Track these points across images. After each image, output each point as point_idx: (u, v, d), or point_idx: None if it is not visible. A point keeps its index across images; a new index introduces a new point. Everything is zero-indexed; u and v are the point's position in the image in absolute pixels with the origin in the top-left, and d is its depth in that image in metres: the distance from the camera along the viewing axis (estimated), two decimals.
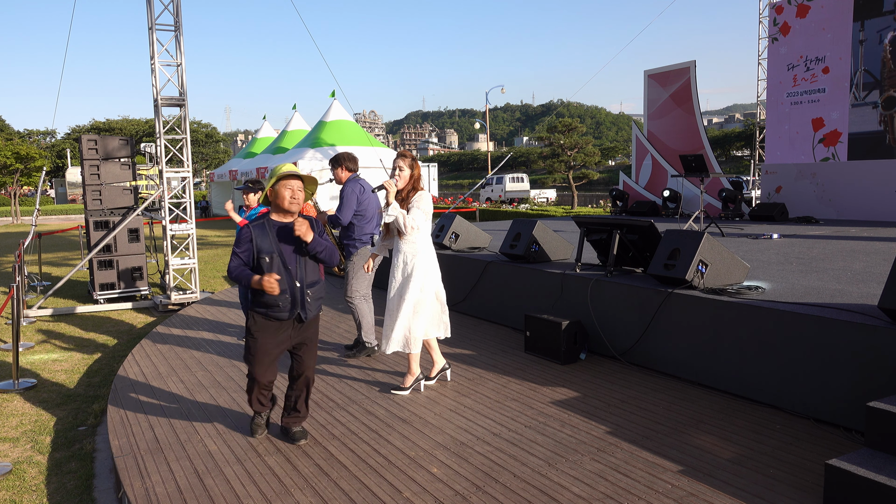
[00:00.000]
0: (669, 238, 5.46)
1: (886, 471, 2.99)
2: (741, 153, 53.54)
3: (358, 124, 26.88)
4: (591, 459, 3.78)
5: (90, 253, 9.59)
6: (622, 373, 5.38)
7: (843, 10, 12.19)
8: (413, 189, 4.92)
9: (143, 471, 3.81)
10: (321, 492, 3.49)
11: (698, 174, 9.74)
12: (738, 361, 4.69)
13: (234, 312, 8.36)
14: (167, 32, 9.47)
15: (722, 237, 9.50)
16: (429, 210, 4.92)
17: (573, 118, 40.07)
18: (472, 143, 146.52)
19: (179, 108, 9.65)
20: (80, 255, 15.81)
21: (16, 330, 5.88)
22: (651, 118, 15.70)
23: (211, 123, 66.25)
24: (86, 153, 9.76)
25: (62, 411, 5.34)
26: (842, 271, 6.01)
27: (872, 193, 11.76)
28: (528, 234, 7.01)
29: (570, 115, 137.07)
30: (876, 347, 3.87)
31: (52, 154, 53.48)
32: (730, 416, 4.37)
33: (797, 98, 13.12)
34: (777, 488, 3.37)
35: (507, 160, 70.78)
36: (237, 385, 5.35)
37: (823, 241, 8.54)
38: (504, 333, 6.84)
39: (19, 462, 4.38)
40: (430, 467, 3.74)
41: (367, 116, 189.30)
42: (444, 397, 4.90)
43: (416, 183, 4.94)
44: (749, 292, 4.96)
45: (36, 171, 33.93)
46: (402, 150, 5.50)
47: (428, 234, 4.98)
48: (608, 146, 63.18)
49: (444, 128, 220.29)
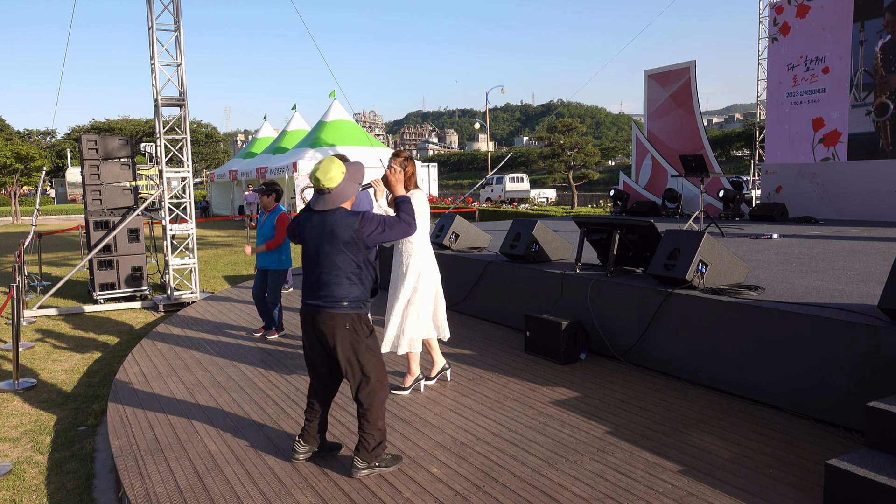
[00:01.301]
0: (669, 238, 5.46)
1: (886, 471, 2.99)
2: (741, 153, 53.55)
3: (358, 124, 26.89)
4: (591, 459, 3.78)
5: (90, 253, 9.59)
6: (622, 373, 5.38)
7: (843, 10, 12.19)
8: (406, 189, 4.90)
9: (143, 471, 3.81)
10: (321, 492, 3.49)
11: (698, 174, 9.74)
12: (738, 361, 4.69)
13: (234, 312, 8.36)
14: (167, 32, 9.48)
15: (722, 237, 9.50)
16: (420, 209, 4.87)
17: (573, 118, 40.08)
18: (472, 143, 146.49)
19: (179, 108, 9.65)
20: (80, 255, 15.82)
21: (16, 330, 5.88)
22: (651, 118, 15.70)
23: (211, 123, 66.34)
24: (86, 153, 9.76)
25: (62, 411, 5.34)
26: (842, 271, 6.01)
27: (872, 193, 11.76)
28: (528, 234, 7.01)
29: (570, 115, 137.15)
30: (876, 347, 3.87)
31: (52, 154, 53.49)
32: (730, 416, 4.37)
33: (797, 98, 13.12)
34: (777, 488, 3.37)
35: (507, 160, 70.80)
36: (237, 385, 5.35)
37: (823, 241, 8.54)
38: (504, 333, 6.84)
39: (19, 462, 4.38)
40: (430, 467, 3.74)
41: (367, 116, 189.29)
42: (444, 397, 4.90)
43: (408, 182, 4.92)
44: (749, 292, 4.96)
45: (36, 171, 33.94)
46: (397, 149, 5.50)
47: (425, 234, 4.95)
48: (608, 146, 63.16)
49: (444, 128, 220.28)
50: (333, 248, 3.58)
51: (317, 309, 3.62)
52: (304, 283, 3.71)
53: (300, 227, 3.73)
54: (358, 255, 3.60)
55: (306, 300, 3.69)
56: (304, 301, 3.70)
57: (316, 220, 3.64)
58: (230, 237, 21.20)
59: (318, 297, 3.62)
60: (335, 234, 3.57)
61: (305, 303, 3.69)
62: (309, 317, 3.67)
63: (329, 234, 3.58)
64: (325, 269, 3.60)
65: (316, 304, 3.63)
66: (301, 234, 3.72)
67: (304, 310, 3.71)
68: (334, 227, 3.58)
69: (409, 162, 4.95)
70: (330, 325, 3.60)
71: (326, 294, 3.60)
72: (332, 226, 3.59)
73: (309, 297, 3.66)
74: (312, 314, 3.65)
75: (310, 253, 3.66)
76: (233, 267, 13.84)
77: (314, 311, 3.63)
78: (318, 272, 3.62)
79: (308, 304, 3.67)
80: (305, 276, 3.70)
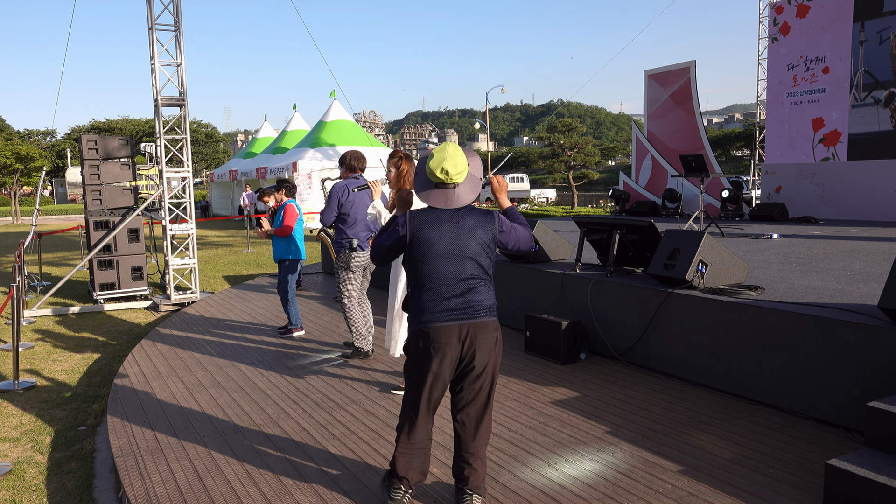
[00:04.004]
0: (669, 238, 5.46)
1: (886, 471, 2.99)
2: (741, 153, 53.55)
3: (358, 124, 26.89)
4: (591, 459, 3.78)
5: (90, 253, 9.59)
6: (622, 373, 5.38)
7: (843, 10, 12.19)
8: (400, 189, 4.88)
9: (143, 471, 3.81)
10: (321, 492, 3.49)
11: (698, 174, 9.74)
12: (738, 361, 4.69)
13: (234, 312, 8.36)
14: (167, 32, 9.48)
15: (722, 237, 9.50)
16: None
17: (573, 118, 40.08)
18: (472, 143, 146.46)
19: (179, 108, 9.65)
20: (80, 255, 15.82)
21: (16, 330, 5.88)
22: (651, 118, 15.70)
23: (211, 123, 66.34)
24: (86, 153, 9.76)
25: (62, 411, 5.34)
26: (842, 271, 6.01)
27: (872, 193, 11.76)
28: None
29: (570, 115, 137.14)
30: (876, 347, 3.87)
31: (52, 154, 53.48)
32: (730, 416, 4.37)
33: (797, 98, 13.12)
34: (777, 488, 3.37)
35: (507, 160, 70.79)
36: (237, 385, 5.35)
37: (823, 241, 8.54)
38: (504, 333, 6.84)
39: (19, 462, 4.38)
40: (431, 467, 3.73)
41: (367, 116, 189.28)
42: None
43: (403, 181, 4.90)
44: (749, 292, 4.96)
45: (36, 171, 33.94)
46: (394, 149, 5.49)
47: None
48: (608, 146, 63.19)
49: (444, 128, 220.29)
50: (480, 249, 3.13)
51: (468, 322, 3.06)
52: (436, 296, 3.08)
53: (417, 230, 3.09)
54: (492, 257, 3.23)
55: (448, 318, 3.06)
56: (442, 319, 3.06)
57: (447, 219, 3.12)
58: (230, 237, 21.20)
59: (467, 308, 3.08)
60: (477, 233, 3.13)
61: (451, 320, 3.06)
62: (456, 335, 3.06)
63: (471, 234, 3.12)
64: (475, 273, 3.12)
65: (466, 318, 3.07)
66: (420, 238, 3.09)
67: (446, 330, 3.05)
68: (476, 226, 3.14)
69: (404, 161, 4.92)
70: (484, 339, 3.09)
71: (477, 302, 3.11)
72: (475, 225, 3.14)
73: (448, 311, 3.07)
74: (461, 331, 3.06)
75: (443, 257, 3.08)
76: (233, 267, 13.84)
77: (464, 326, 3.06)
78: (464, 278, 3.09)
79: (458, 320, 3.06)
80: (437, 288, 3.08)
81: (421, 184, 3.22)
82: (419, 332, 3.09)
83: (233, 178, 29.62)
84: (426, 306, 3.08)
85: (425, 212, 3.14)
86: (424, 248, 3.08)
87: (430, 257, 3.07)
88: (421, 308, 3.09)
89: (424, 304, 3.08)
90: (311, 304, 8.70)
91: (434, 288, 3.08)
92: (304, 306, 8.56)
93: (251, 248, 17.39)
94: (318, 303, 8.82)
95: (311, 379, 5.46)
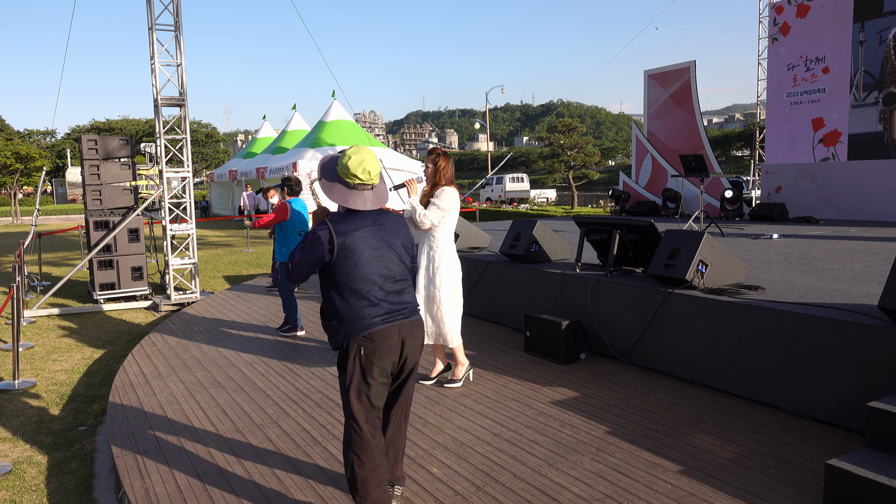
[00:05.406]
0: (669, 238, 5.46)
1: (886, 471, 2.99)
2: (741, 153, 53.53)
3: (358, 124, 26.90)
4: (591, 459, 3.78)
5: (90, 253, 9.59)
6: (622, 373, 5.38)
7: (843, 10, 12.19)
8: (436, 184, 4.86)
9: (143, 471, 3.81)
10: (321, 492, 3.49)
11: (698, 174, 9.74)
12: (738, 361, 4.69)
13: (233, 312, 8.36)
14: (167, 32, 9.48)
15: (722, 237, 9.50)
16: (449, 206, 4.78)
17: (573, 118, 40.09)
18: (472, 143, 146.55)
19: (179, 108, 9.65)
20: (80, 255, 15.81)
21: (16, 330, 5.88)
22: (651, 118, 15.70)
23: (211, 123, 66.33)
24: (86, 153, 9.76)
25: (62, 411, 5.34)
26: (842, 271, 6.01)
27: (872, 193, 11.76)
28: (528, 234, 7.01)
29: (570, 115, 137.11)
30: (876, 347, 3.87)
31: (52, 154, 53.48)
32: (730, 416, 4.37)
33: (797, 98, 13.12)
34: (777, 488, 3.37)
35: (507, 160, 70.77)
36: (237, 385, 5.35)
37: (823, 241, 8.54)
38: (504, 333, 6.84)
39: (19, 462, 4.38)
40: (430, 467, 3.73)
41: (367, 116, 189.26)
42: (444, 397, 4.90)
43: (439, 177, 4.84)
44: (749, 292, 4.96)
45: (36, 171, 33.94)
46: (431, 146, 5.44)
47: (448, 231, 4.90)
48: (608, 146, 63.20)
49: (444, 128, 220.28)
50: (403, 250, 3.13)
51: (405, 322, 3.06)
52: (372, 300, 3.00)
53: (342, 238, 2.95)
54: (412, 256, 3.27)
55: (390, 319, 3.02)
56: (386, 320, 3.00)
57: (369, 223, 3.04)
58: (230, 237, 21.20)
59: (401, 310, 3.07)
60: (401, 234, 3.14)
61: (390, 321, 3.01)
62: (397, 336, 3.03)
63: (395, 235, 3.11)
64: (404, 275, 3.13)
65: (402, 318, 3.06)
66: (346, 245, 2.95)
67: (387, 332, 3.00)
68: (397, 227, 3.14)
69: (441, 157, 4.86)
70: (419, 337, 3.12)
71: (409, 302, 3.12)
72: (395, 226, 3.14)
73: (388, 313, 3.02)
74: (401, 331, 3.04)
75: (372, 261, 3.01)
76: (233, 267, 13.84)
77: (403, 326, 3.05)
78: (395, 279, 3.08)
79: (396, 321, 3.03)
80: (372, 292, 3.00)
81: (336, 188, 3.05)
82: (362, 339, 2.97)
83: (233, 179, 29.62)
84: (364, 312, 2.98)
85: (345, 218, 3.02)
86: (353, 254, 2.96)
87: (360, 263, 2.97)
88: (358, 315, 2.98)
89: (361, 310, 2.98)
90: (311, 305, 8.70)
91: (369, 292, 2.99)
92: (304, 306, 8.57)
93: (251, 249, 17.40)
94: (318, 303, 8.82)
95: (311, 379, 5.46)
